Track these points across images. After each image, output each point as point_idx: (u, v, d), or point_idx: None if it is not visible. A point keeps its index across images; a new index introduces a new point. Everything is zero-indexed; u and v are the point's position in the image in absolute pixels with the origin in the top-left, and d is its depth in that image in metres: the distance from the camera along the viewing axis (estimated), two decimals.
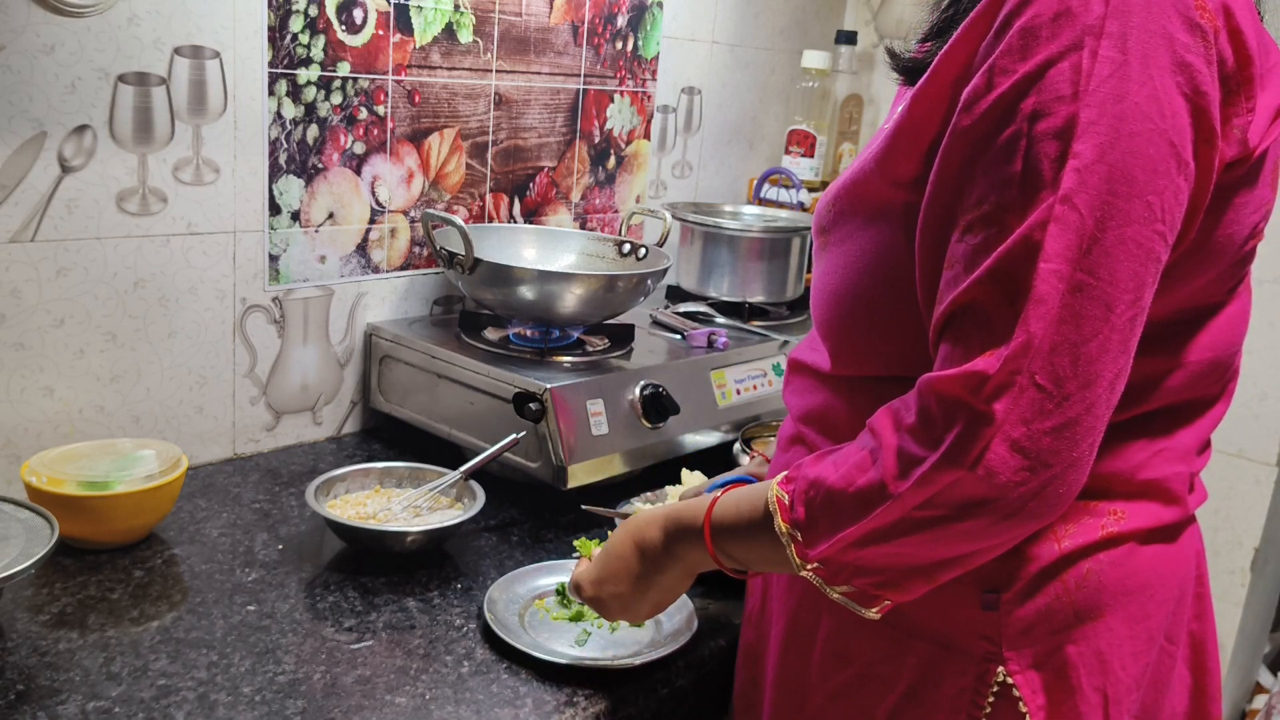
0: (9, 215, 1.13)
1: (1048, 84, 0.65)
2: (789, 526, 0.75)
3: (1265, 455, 1.83)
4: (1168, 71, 0.65)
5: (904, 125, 0.75)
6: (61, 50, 1.13)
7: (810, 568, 0.75)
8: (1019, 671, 0.76)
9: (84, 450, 1.15)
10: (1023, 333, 0.65)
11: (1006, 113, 0.67)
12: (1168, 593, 0.80)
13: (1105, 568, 0.76)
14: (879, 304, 0.79)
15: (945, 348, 0.69)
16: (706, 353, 1.48)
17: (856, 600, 0.75)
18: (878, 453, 0.71)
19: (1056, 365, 0.65)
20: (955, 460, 0.66)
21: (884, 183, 0.77)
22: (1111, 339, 0.65)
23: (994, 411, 0.65)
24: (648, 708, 0.97)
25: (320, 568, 1.13)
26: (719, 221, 1.70)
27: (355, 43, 1.37)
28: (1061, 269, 0.64)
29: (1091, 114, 0.64)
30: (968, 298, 0.67)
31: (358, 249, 1.45)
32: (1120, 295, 0.65)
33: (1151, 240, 0.66)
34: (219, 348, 1.34)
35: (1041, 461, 0.65)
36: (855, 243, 0.81)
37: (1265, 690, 2.07)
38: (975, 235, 0.68)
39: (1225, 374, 0.81)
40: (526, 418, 1.25)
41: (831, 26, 2.11)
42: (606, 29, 1.69)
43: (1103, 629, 0.77)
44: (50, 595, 1.03)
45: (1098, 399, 0.66)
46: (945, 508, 0.67)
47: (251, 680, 0.92)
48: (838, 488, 0.72)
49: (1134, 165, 0.64)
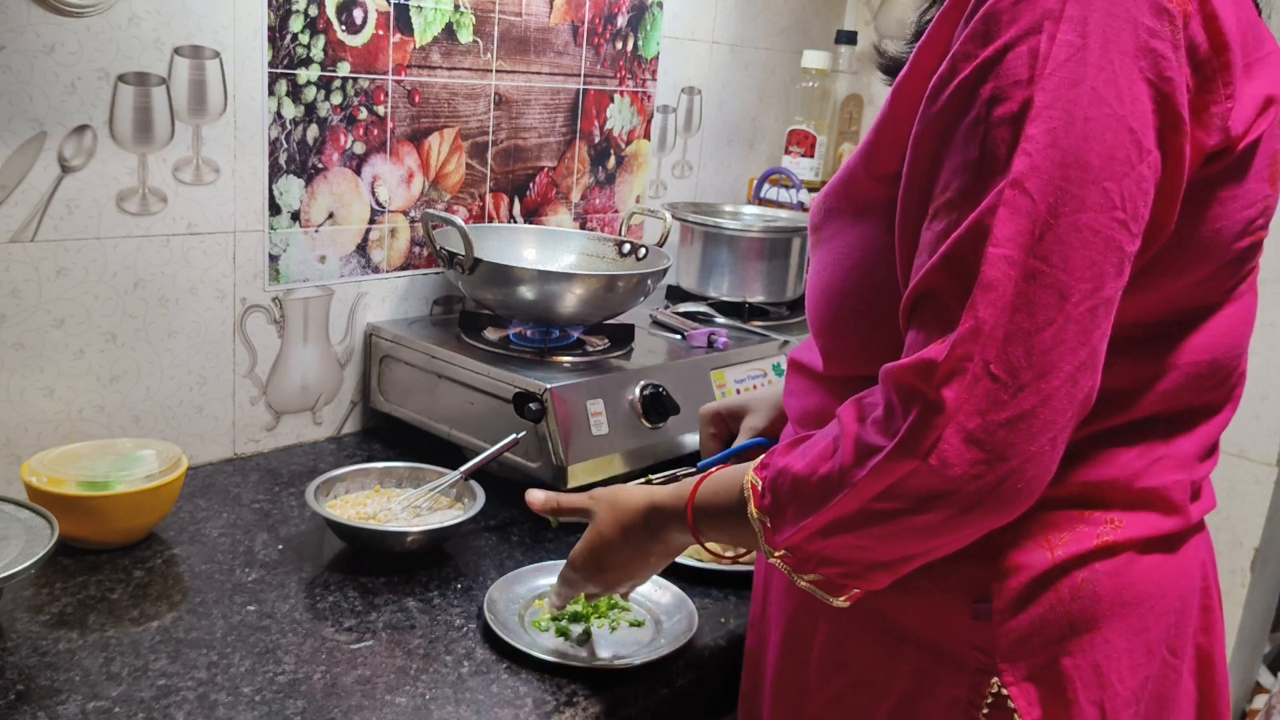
0: (9, 215, 1.13)
1: (1005, 68, 0.64)
2: (759, 513, 0.76)
3: (1265, 455, 1.83)
4: (1130, 56, 0.64)
5: (887, 119, 0.74)
6: (61, 50, 1.13)
7: (778, 555, 0.75)
8: (1014, 684, 0.74)
9: (84, 450, 1.15)
10: (970, 318, 0.63)
11: (967, 98, 0.66)
12: (1168, 604, 0.78)
13: (1101, 578, 0.75)
14: (867, 301, 0.78)
15: (910, 335, 0.68)
16: (706, 353, 1.48)
17: (824, 589, 0.75)
18: (839, 440, 0.70)
19: (1010, 355, 0.63)
20: (909, 450, 0.64)
21: (869, 178, 0.77)
22: (1067, 329, 0.63)
23: (944, 399, 0.63)
24: (648, 708, 0.97)
25: (320, 568, 1.13)
26: (719, 221, 1.70)
27: (355, 43, 1.37)
28: (1013, 254, 0.63)
29: (1045, 98, 0.63)
30: (926, 284, 0.67)
31: (358, 249, 1.45)
32: (1076, 284, 0.63)
33: (1110, 228, 0.64)
34: (219, 348, 1.34)
35: (997, 454, 0.63)
36: (844, 239, 0.81)
37: (1265, 690, 2.06)
38: (940, 221, 0.67)
39: (1228, 379, 0.79)
40: (526, 418, 1.25)
41: (831, 26, 2.11)
42: (606, 29, 1.69)
43: (1099, 641, 0.75)
44: (50, 595, 1.03)
45: (1055, 391, 0.64)
46: (903, 500, 0.66)
47: (251, 680, 0.92)
48: (802, 475, 0.72)
49: (1088, 150, 0.63)
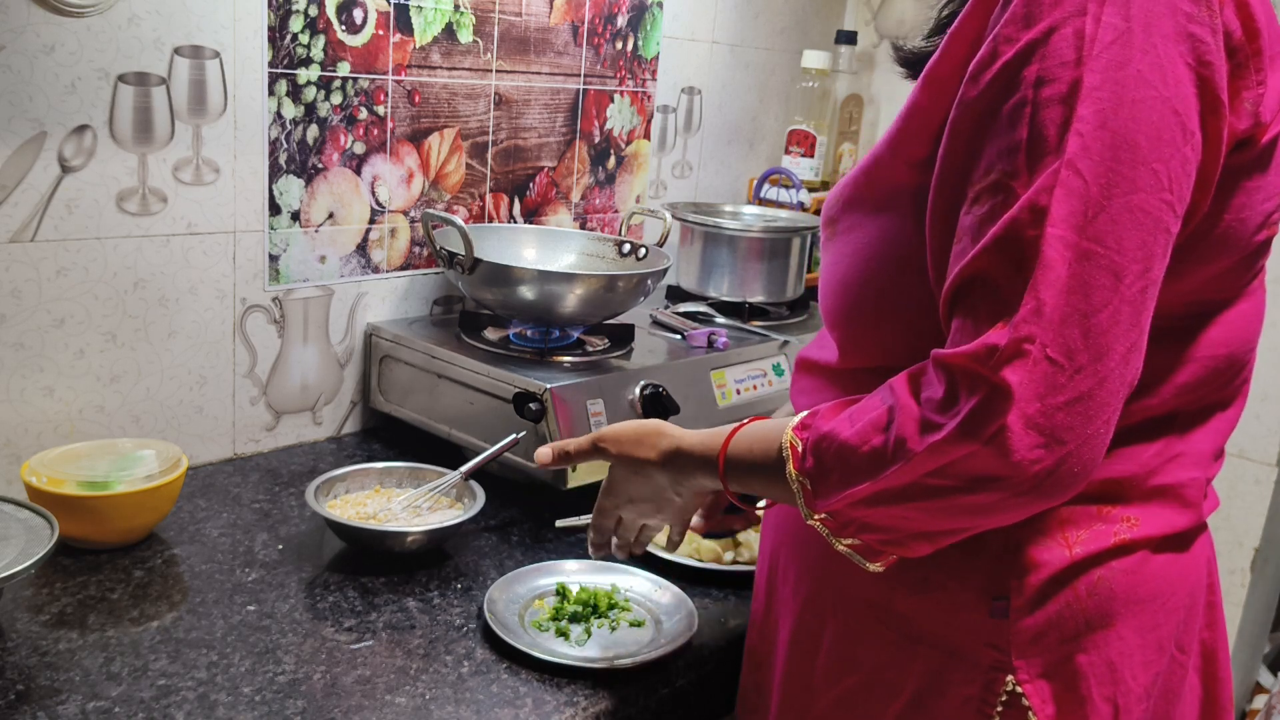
0: (9, 215, 1.13)
1: (1051, 50, 0.64)
2: (799, 474, 0.74)
3: (1265, 455, 1.83)
4: (1171, 40, 0.64)
5: (916, 106, 0.74)
6: (61, 50, 1.13)
7: (818, 518, 0.74)
8: (1028, 681, 0.75)
9: (84, 450, 1.15)
10: (1032, 299, 0.63)
11: (1011, 80, 0.66)
12: (1178, 601, 0.79)
13: (1117, 575, 0.75)
14: (887, 291, 0.78)
15: (957, 321, 0.68)
16: (706, 353, 1.48)
17: (862, 553, 0.75)
18: (894, 413, 0.69)
19: (1067, 337, 0.63)
20: (971, 433, 0.64)
21: (897, 163, 0.76)
22: (1122, 310, 0.64)
23: (1009, 383, 0.63)
24: (648, 708, 0.97)
25: (320, 568, 1.13)
26: (719, 221, 1.70)
27: (355, 43, 1.37)
28: (1068, 235, 0.63)
29: (1095, 79, 0.63)
30: (975, 268, 0.66)
31: (358, 249, 1.45)
32: (1129, 264, 0.63)
33: (1159, 209, 0.64)
34: (219, 348, 1.34)
35: (1056, 438, 0.63)
36: (863, 230, 0.80)
37: (1265, 690, 2.06)
38: (982, 205, 0.67)
39: (1238, 375, 0.80)
40: (526, 418, 1.25)
41: (831, 26, 2.11)
42: (606, 29, 1.69)
43: (1114, 638, 0.75)
44: (50, 595, 1.03)
45: (1110, 373, 0.64)
46: (958, 479, 0.66)
47: (251, 680, 0.92)
48: (852, 444, 0.71)
49: (1137, 132, 0.63)
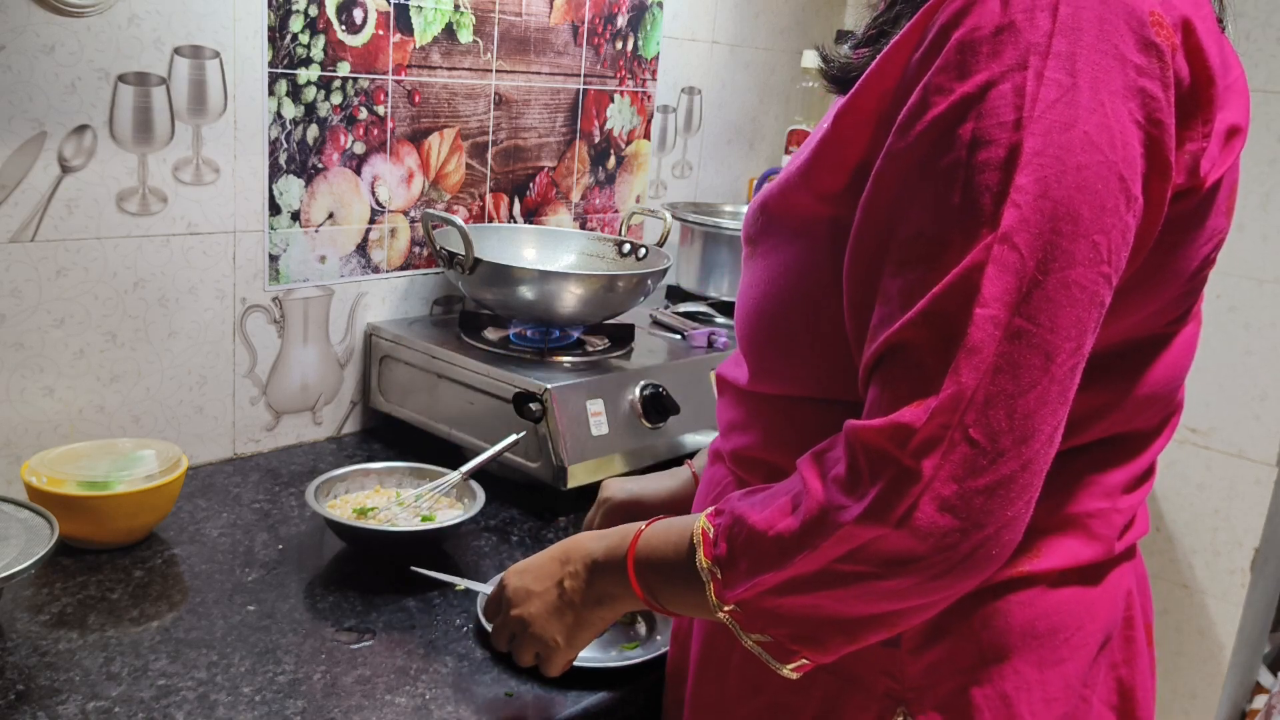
0: (9, 215, 1.13)
1: (989, 108, 0.60)
2: (710, 562, 0.71)
3: (1265, 455, 1.83)
4: (1120, 97, 0.60)
5: (830, 138, 0.71)
6: (61, 50, 1.13)
7: (727, 609, 0.71)
8: (920, 713, 0.73)
9: (84, 450, 1.15)
10: (953, 383, 0.60)
11: (944, 137, 0.61)
12: (1085, 637, 0.75)
13: (1013, 607, 0.72)
14: (797, 323, 0.75)
15: (874, 390, 0.64)
16: (706, 353, 1.48)
17: (771, 653, 0.71)
18: (800, 499, 0.66)
19: (991, 419, 0.60)
20: (879, 516, 0.61)
21: (809, 195, 0.73)
22: (1050, 390, 0.60)
23: (921, 468, 0.60)
24: (648, 708, 0.97)
25: (320, 568, 1.13)
26: (719, 221, 1.70)
27: (355, 43, 1.37)
28: (999, 314, 0.59)
29: (1036, 143, 0.59)
30: (900, 338, 0.63)
31: (358, 249, 1.45)
32: (1061, 343, 0.60)
33: (1096, 284, 0.61)
34: (219, 348, 1.34)
35: (974, 522, 0.60)
36: (779, 256, 0.77)
37: (1265, 690, 2.07)
38: (912, 271, 0.63)
39: (1166, 405, 0.76)
40: (526, 418, 1.25)
41: (831, 26, 2.11)
42: (606, 29, 1.69)
43: (1009, 671, 0.72)
44: (50, 595, 1.03)
45: (1035, 455, 0.61)
46: (869, 563, 0.63)
47: (251, 680, 0.92)
48: (759, 529, 0.68)
49: (1080, 202, 0.59)
